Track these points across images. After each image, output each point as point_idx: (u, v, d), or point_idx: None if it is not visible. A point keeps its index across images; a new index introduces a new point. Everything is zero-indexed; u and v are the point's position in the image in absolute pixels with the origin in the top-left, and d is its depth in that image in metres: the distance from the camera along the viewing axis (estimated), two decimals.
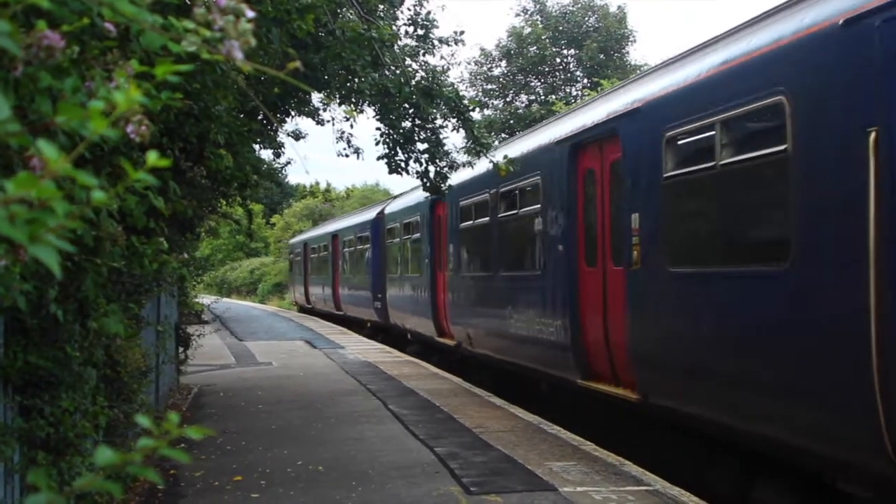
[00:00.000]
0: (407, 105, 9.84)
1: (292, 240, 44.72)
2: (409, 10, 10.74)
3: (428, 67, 10.03)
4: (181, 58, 1.61)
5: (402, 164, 10.76)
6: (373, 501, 6.59)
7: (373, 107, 9.96)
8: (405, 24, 10.71)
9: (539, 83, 41.86)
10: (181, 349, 12.76)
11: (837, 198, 5.65)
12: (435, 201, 16.16)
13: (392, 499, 6.64)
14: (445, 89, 9.86)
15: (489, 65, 41.83)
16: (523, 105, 41.29)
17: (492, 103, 41.52)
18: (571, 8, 41.07)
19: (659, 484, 7.05)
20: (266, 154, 14.00)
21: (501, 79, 41.76)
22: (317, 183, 53.55)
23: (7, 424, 4.15)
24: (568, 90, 41.27)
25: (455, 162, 10.97)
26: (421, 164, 10.70)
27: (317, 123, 12.09)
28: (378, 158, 10.87)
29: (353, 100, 10.21)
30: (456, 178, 12.34)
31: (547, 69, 41.29)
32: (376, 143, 10.60)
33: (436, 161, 10.67)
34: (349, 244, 27.37)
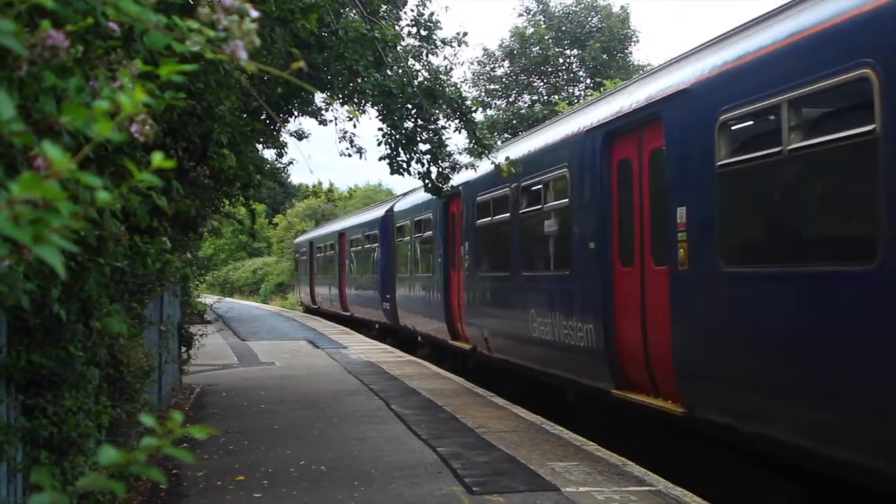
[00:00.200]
0: (409, 105, 9.86)
1: (298, 239, 43.95)
2: (412, 11, 10.75)
3: (431, 68, 10.03)
4: (185, 57, 1.61)
5: (404, 165, 10.77)
6: (376, 501, 6.59)
7: (375, 107, 9.97)
8: (408, 25, 10.72)
9: (542, 83, 41.84)
10: (184, 349, 12.78)
11: None
12: (449, 198, 15.45)
13: (395, 499, 6.64)
14: (448, 90, 9.86)
15: (492, 65, 41.83)
16: (526, 105, 41.27)
17: (494, 103, 41.52)
18: (574, 8, 41.06)
19: (661, 484, 7.04)
20: (269, 154, 14.03)
21: (504, 79, 41.74)
22: (319, 183, 53.69)
23: (10, 424, 4.15)
24: (571, 90, 41.24)
25: (457, 163, 10.97)
26: (423, 165, 10.70)
27: (319, 123, 12.12)
28: (380, 159, 10.88)
29: (356, 100, 10.23)
30: (472, 173, 11.77)
31: (550, 69, 41.27)
32: (378, 144, 10.61)
33: (438, 162, 10.67)
34: (356, 243, 26.59)
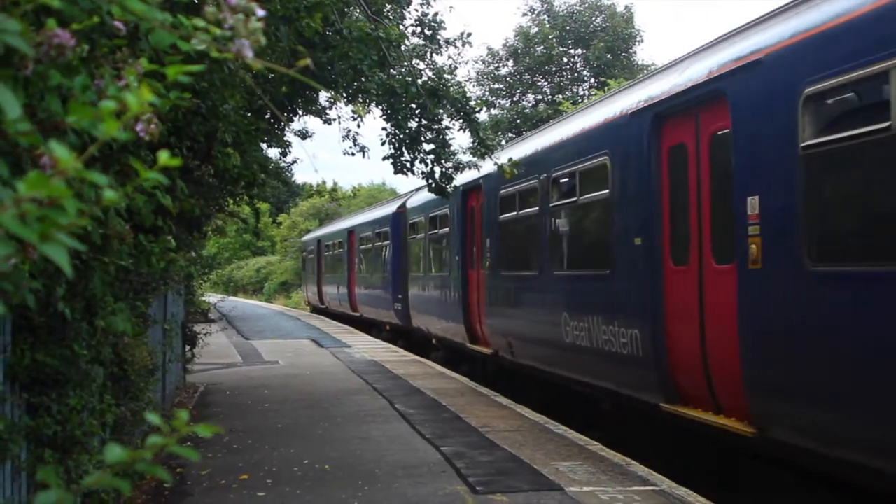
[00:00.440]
0: (413, 105, 9.86)
1: (305, 237, 43.19)
2: (417, 11, 10.75)
3: (435, 68, 10.04)
4: (190, 56, 1.61)
5: (408, 165, 10.77)
6: (379, 500, 6.59)
7: (379, 106, 9.97)
8: (412, 25, 10.72)
9: (546, 83, 41.84)
10: (188, 347, 12.80)
11: None
12: (467, 192, 14.62)
13: (398, 498, 6.64)
14: (452, 90, 9.86)
15: (496, 64, 41.86)
16: (530, 105, 41.28)
17: (499, 103, 41.55)
18: (578, 7, 41.06)
19: (665, 484, 7.04)
20: (273, 153, 14.03)
21: (508, 78, 41.76)
22: (324, 182, 53.65)
23: (14, 422, 4.16)
24: (575, 90, 41.26)
25: (461, 162, 10.96)
26: (427, 165, 10.70)
27: (324, 122, 12.13)
28: (384, 158, 10.89)
29: (360, 99, 10.24)
30: (493, 165, 10.84)
31: (554, 69, 41.27)
32: (382, 143, 10.62)
33: (441, 162, 10.67)
34: (366, 241, 25.56)
